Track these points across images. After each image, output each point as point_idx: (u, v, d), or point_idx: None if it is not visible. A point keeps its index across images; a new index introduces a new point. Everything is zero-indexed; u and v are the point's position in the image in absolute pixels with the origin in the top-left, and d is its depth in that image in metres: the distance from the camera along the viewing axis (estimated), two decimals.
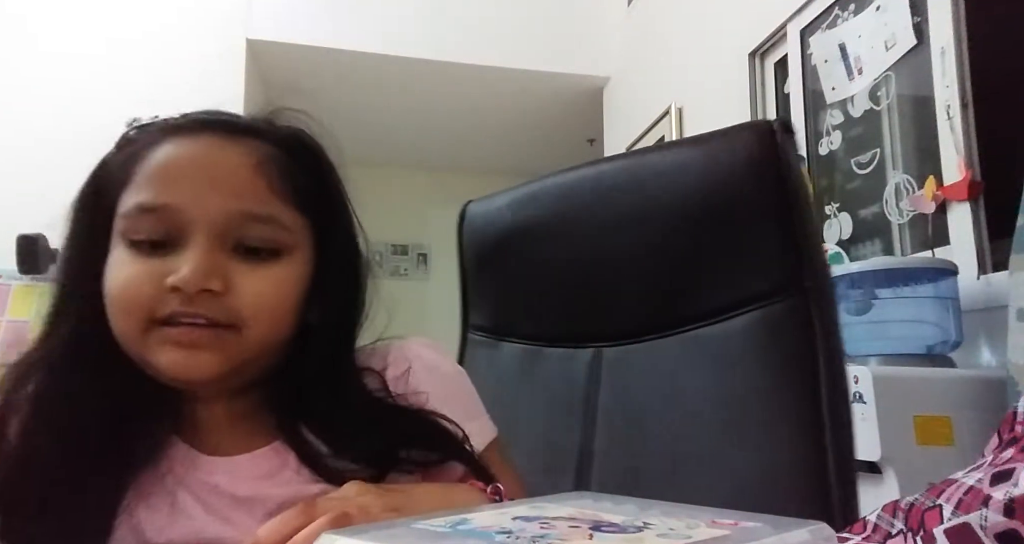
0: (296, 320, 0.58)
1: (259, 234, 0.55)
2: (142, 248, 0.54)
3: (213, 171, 0.55)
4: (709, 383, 0.75)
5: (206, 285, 0.52)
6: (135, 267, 0.54)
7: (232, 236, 0.54)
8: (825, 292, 0.73)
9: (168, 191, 0.54)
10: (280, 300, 0.56)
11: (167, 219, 0.54)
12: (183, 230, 0.53)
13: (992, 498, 0.36)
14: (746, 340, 0.74)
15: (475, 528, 0.36)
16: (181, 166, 0.55)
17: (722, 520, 0.38)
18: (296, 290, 0.57)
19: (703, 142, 0.82)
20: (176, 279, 0.51)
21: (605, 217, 0.85)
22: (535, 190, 0.93)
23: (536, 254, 0.91)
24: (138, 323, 0.53)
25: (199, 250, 0.53)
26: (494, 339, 0.96)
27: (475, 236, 0.98)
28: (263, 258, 0.55)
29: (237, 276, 0.54)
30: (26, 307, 3.05)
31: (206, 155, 0.56)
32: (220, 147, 0.56)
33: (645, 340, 0.82)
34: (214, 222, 0.53)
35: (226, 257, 0.54)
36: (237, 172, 0.55)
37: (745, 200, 0.76)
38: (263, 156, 0.57)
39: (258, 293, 0.54)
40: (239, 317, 0.54)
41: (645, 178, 0.84)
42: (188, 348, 0.53)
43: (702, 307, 0.78)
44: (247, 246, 0.55)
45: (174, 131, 0.58)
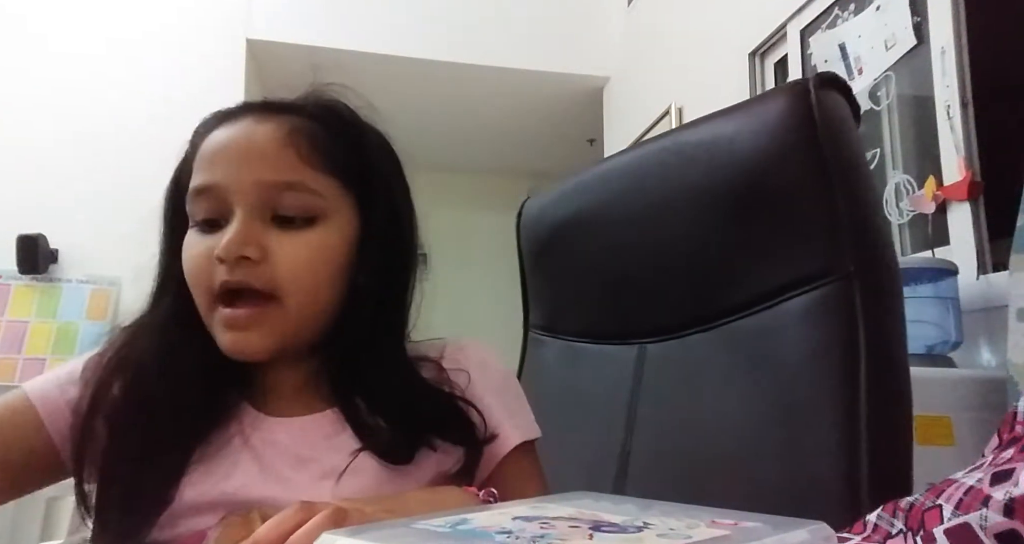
0: (343, 285, 0.61)
1: (291, 202, 0.59)
2: (203, 227, 0.60)
3: (246, 148, 0.59)
4: (749, 379, 0.69)
5: (243, 252, 0.56)
6: (197, 246, 0.59)
7: (268, 206, 0.58)
8: (876, 276, 0.64)
9: (212, 172, 0.59)
10: (318, 265, 0.59)
11: (215, 197, 0.59)
12: (228, 206, 0.58)
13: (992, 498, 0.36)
14: (786, 332, 0.67)
15: (475, 528, 0.36)
16: (222, 147, 0.60)
17: (722, 520, 0.38)
18: (336, 254, 0.60)
19: (735, 113, 0.74)
20: (218, 250, 0.56)
21: (641, 207, 0.81)
22: (579, 183, 0.91)
23: (580, 249, 0.89)
24: (204, 299, 0.59)
25: (238, 222, 0.57)
26: (551, 336, 0.95)
27: (530, 234, 0.97)
28: (299, 226, 0.59)
29: (274, 244, 0.58)
30: (26, 307, 3.05)
31: (240, 134, 0.60)
32: (254, 125, 0.60)
33: (686, 335, 0.78)
34: (249, 194, 0.58)
35: (264, 226, 0.58)
36: (265, 145, 0.59)
37: (780, 174, 0.67)
38: (292, 128, 0.60)
39: (294, 259, 0.58)
40: (278, 284, 0.57)
41: (676, 163, 0.77)
42: (237, 330, 0.57)
43: (740, 297, 0.71)
44: (283, 215, 0.59)
45: (223, 118, 0.63)
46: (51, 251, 3.05)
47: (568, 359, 0.79)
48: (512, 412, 0.65)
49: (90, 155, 3.11)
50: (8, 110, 3.09)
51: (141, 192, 3.35)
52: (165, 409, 0.59)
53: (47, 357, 3.00)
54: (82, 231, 3.07)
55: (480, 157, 4.84)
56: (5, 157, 3.05)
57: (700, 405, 0.74)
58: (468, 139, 4.62)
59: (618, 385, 0.82)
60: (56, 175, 3.07)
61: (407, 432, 0.59)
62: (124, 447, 0.58)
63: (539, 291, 0.98)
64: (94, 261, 3.08)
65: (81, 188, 3.08)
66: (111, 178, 3.11)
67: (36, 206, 3.02)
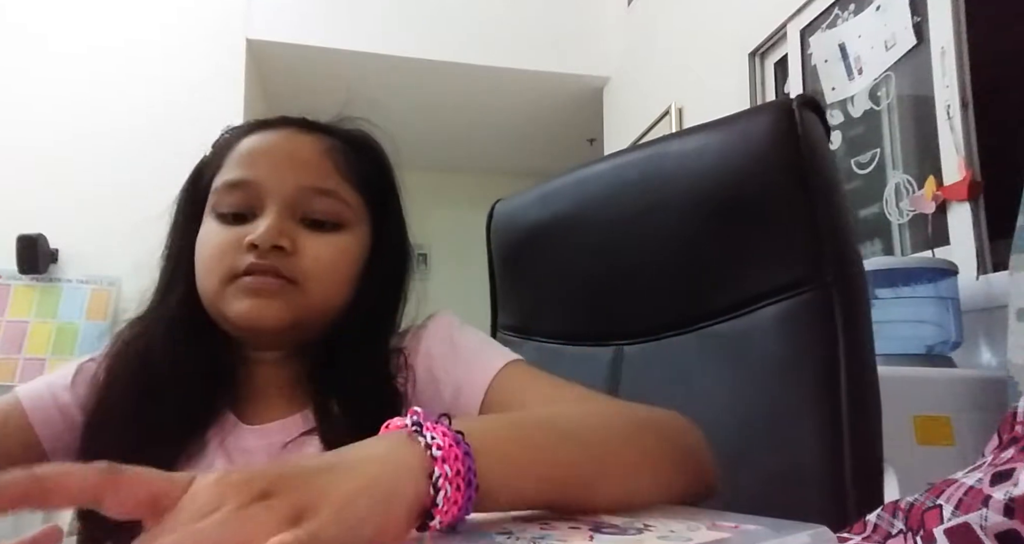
0: (349, 293, 0.65)
1: (324, 207, 0.64)
2: (227, 219, 0.63)
3: (289, 153, 0.65)
4: (728, 382, 0.72)
5: (278, 242, 0.60)
6: (221, 235, 0.63)
7: (301, 208, 0.63)
8: (851, 285, 0.68)
9: (251, 169, 0.63)
10: (338, 265, 0.64)
11: (249, 192, 0.63)
12: (261, 202, 0.62)
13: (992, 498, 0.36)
14: (763, 337, 0.70)
15: (475, 528, 0.36)
16: (263, 149, 0.65)
17: (723, 523, 0.38)
18: (351, 261, 0.65)
19: (720, 127, 0.77)
20: (253, 237, 0.60)
21: (622, 212, 0.83)
22: (554, 188, 0.92)
23: (556, 252, 0.90)
24: (219, 278, 0.61)
25: (273, 216, 0.61)
26: (521, 338, 0.96)
27: (501, 235, 0.98)
28: (326, 229, 0.64)
29: (303, 240, 0.62)
30: (26, 307, 3.05)
31: (284, 141, 0.66)
32: (296, 136, 0.66)
33: (664, 338, 0.80)
34: (286, 194, 0.63)
35: (295, 225, 0.63)
36: (309, 155, 0.65)
37: (763, 187, 0.71)
38: (331, 145, 0.66)
39: (319, 256, 0.62)
40: (302, 274, 0.61)
41: (660, 171, 0.80)
42: (259, 296, 0.60)
43: (721, 303, 0.74)
44: (313, 218, 0.63)
45: (260, 125, 0.68)
46: (51, 251, 3.05)
47: (543, 360, 0.79)
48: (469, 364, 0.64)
49: (90, 155, 3.11)
50: (8, 110, 3.09)
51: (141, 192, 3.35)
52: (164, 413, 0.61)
53: (47, 357, 3.00)
54: (82, 231, 3.07)
55: (480, 157, 4.84)
56: (5, 157, 3.05)
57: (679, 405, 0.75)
58: (468, 139, 4.62)
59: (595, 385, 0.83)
60: (56, 175, 3.07)
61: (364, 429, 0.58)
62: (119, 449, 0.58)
63: (510, 293, 0.98)
64: (94, 261, 3.08)
65: (81, 188, 3.08)
66: (111, 178, 3.11)
67: (36, 206, 3.02)
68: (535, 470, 0.40)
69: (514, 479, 0.39)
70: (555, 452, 0.43)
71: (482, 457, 0.37)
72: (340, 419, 0.61)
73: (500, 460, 0.38)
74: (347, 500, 0.32)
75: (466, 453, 0.36)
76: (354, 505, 0.32)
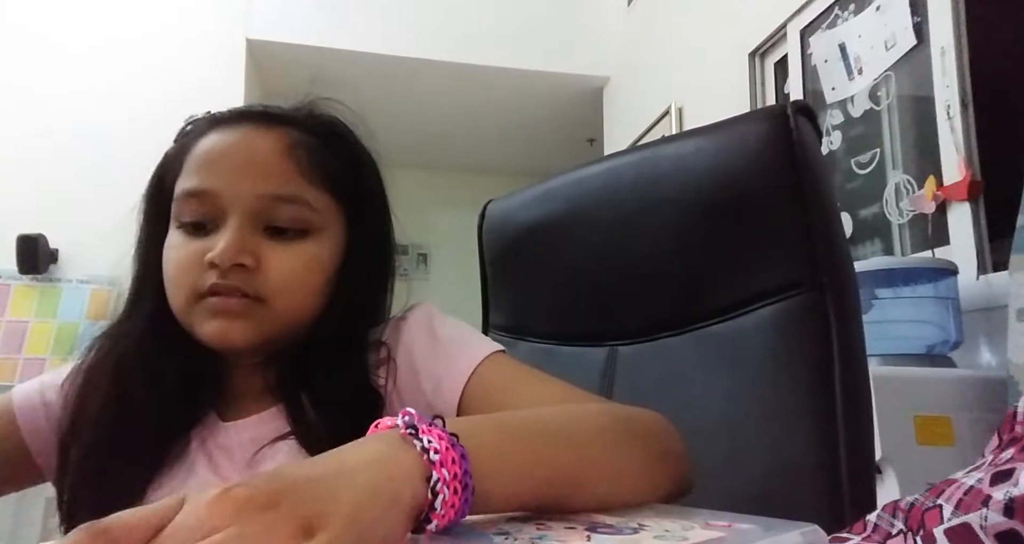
0: (323, 298, 0.62)
1: (287, 214, 0.60)
2: (189, 230, 0.61)
3: (246, 157, 0.60)
4: (722, 382, 0.73)
5: (238, 260, 0.58)
6: (183, 249, 0.60)
7: (263, 216, 0.60)
8: (843, 287, 0.69)
9: (208, 177, 0.60)
10: (306, 276, 0.61)
11: (207, 203, 0.60)
12: (222, 212, 0.59)
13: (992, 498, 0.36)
14: (758, 338, 0.71)
15: (471, 528, 0.36)
16: (219, 154, 0.61)
17: (716, 522, 0.38)
18: (323, 268, 0.62)
19: (716, 131, 0.78)
20: (212, 255, 0.57)
21: (617, 214, 0.83)
22: (549, 188, 0.92)
23: (551, 252, 0.90)
24: (184, 297, 0.59)
25: (233, 229, 0.58)
26: (513, 338, 0.96)
27: (494, 236, 0.98)
28: (291, 237, 0.60)
29: (267, 253, 0.59)
30: (26, 307, 3.05)
31: (241, 143, 0.61)
32: (254, 135, 0.62)
33: (659, 338, 0.80)
34: (246, 204, 0.59)
35: (258, 236, 0.59)
36: (267, 158, 0.60)
37: (758, 191, 0.72)
38: (294, 141, 0.62)
39: (286, 269, 0.59)
40: (268, 291, 0.59)
41: (656, 172, 0.81)
42: (225, 317, 0.58)
43: (715, 304, 0.75)
44: (276, 226, 0.60)
45: (218, 122, 0.64)
46: (51, 251, 3.05)
47: (536, 360, 0.79)
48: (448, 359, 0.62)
49: (90, 155, 3.11)
50: (8, 110, 3.09)
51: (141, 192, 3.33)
52: (142, 417, 0.60)
53: (47, 357, 3.00)
54: (82, 231, 3.07)
55: (480, 157, 4.84)
56: (5, 157, 3.05)
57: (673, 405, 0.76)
58: (468, 139, 4.62)
59: (588, 385, 0.84)
60: (56, 175, 3.07)
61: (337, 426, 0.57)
62: (98, 453, 0.59)
63: (503, 293, 0.98)
64: (94, 261, 3.08)
65: (81, 188, 3.08)
66: (111, 178, 3.11)
67: (36, 206, 3.03)
68: (528, 472, 0.41)
69: (508, 481, 0.39)
70: (546, 454, 0.43)
71: (477, 460, 0.37)
72: (312, 415, 0.59)
73: (495, 463, 0.39)
74: (356, 508, 0.32)
75: (462, 456, 0.36)
76: (363, 513, 0.32)
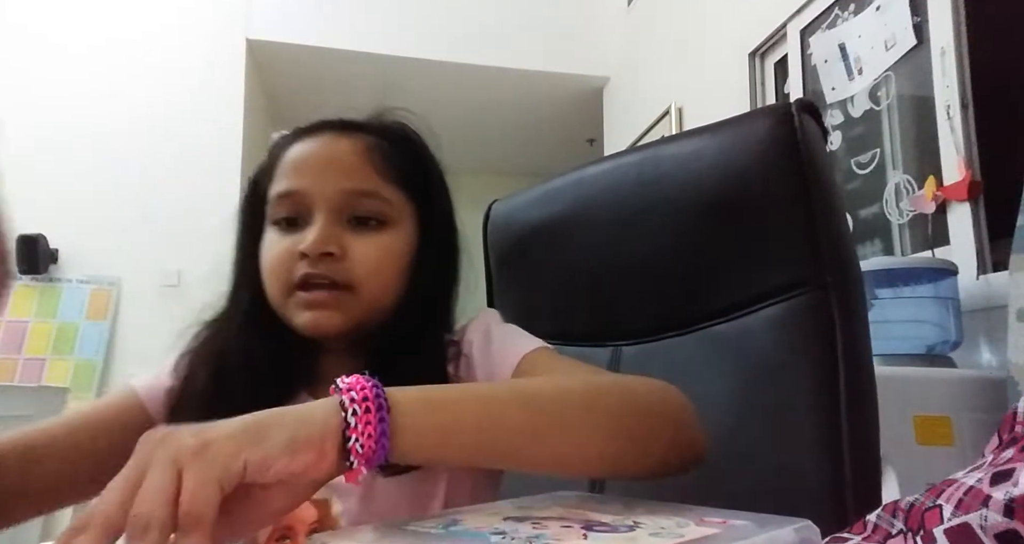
0: (401, 287, 0.68)
1: (367, 207, 0.67)
2: (282, 226, 0.68)
3: (329, 159, 0.68)
4: (726, 381, 0.72)
5: (326, 249, 0.64)
6: (278, 245, 0.67)
7: (346, 210, 0.67)
8: (848, 287, 0.68)
9: (297, 179, 0.68)
10: (387, 263, 0.68)
11: (298, 201, 0.67)
12: (309, 208, 0.66)
13: (992, 498, 0.36)
14: (762, 337, 0.71)
15: (468, 529, 0.36)
16: (305, 158, 0.69)
17: (711, 518, 0.38)
18: (400, 257, 0.68)
19: (719, 130, 0.78)
20: (303, 246, 0.64)
21: (621, 213, 0.83)
22: (552, 188, 0.92)
23: (554, 252, 0.90)
24: (281, 288, 0.66)
25: (320, 223, 0.65)
26: None
27: (498, 236, 0.98)
28: (372, 228, 0.67)
29: (351, 243, 0.66)
30: (26, 307, 3.05)
31: (324, 147, 0.69)
32: (335, 140, 0.70)
33: (663, 338, 0.80)
34: (331, 200, 0.66)
35: (342, 228, 0.66)
36: (347, 158, 0.68)
37: (762, 190, 0.72)
38: (369, 144, 0.69)
39: (368, 257, 0.66)
40: (354, 277, 0.65)
41: (660, 171, 0.81)
42: (317, 308, 0.64)
43: (719, 303, 0.75)
44: (358, 217, 0.67)
45: (302, 132, 0.71)
46: (51, 251, 3.05)
47: None
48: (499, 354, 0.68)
49: (90, 155, 3.12)
50: (8, 110, 3.09)
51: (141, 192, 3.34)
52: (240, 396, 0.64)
53: (47, 357, 3.00)
54: (82, 231, 3.08)
55: (480, 157, 4.84)
56: (5, 157, 3.05)
57: None
58: (468, 139, 4.62)
59: None
60: (56, 175, 3.07)
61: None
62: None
63: (506, 293, 0.98)
64: (94, 261, 3.09)
65: (81, 188, 3.08)
66: (111, 178, 3.12)
67: (36, 206, 3.03)
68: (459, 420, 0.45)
69: (435, 417, 0.44)
70: (486, 407, 0.48)
71: (399, 395, 0.43)
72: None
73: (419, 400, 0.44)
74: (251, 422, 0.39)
75: (374, 385, 0.42)
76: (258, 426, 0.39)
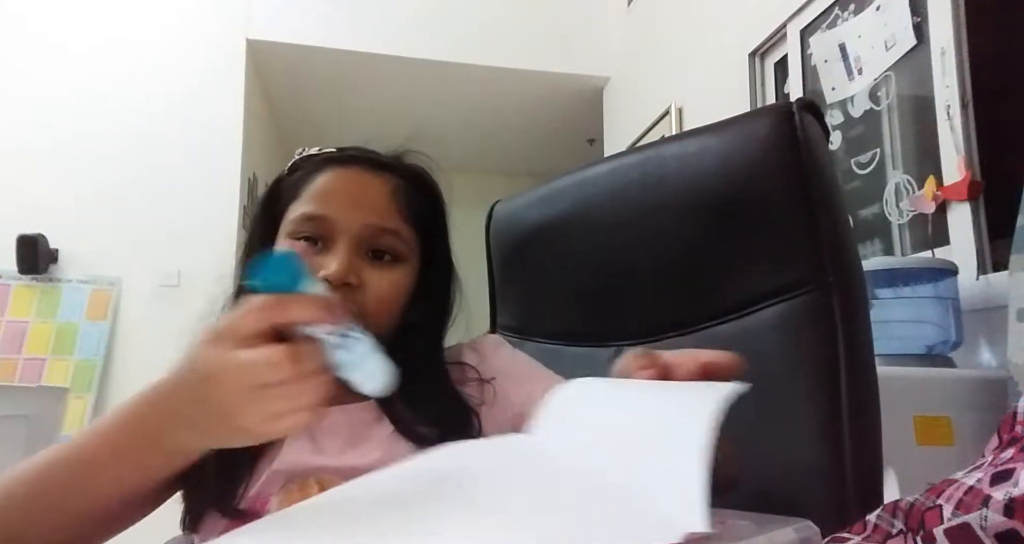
0: (400, 314, 0.74)
1: (387, 243, 0.72)
2: (299, 240, 0.71)
3: (359, 194, 0.73)
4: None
5: (347, 279, 0.68)
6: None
7: (367, 242, 0.71)
8: (850, 287, 0.68)
9: (326, 205, 0.72)
10: (395, 297, 0.73)
11: (323, 226, 0.71)
12: (332, 235, 0.71)
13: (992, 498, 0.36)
14: (764, 337, 0.71)
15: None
16: (337, 188, 0.73)
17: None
18: (406, 292, 0.74)
19: (720, 130, 0.78)
20: (327, 272, 0.67)
21: (622, 213, 0.83)
22: (555, 189, 0.92)
23: (557, 253, 0.90)
24: None
25: (344, 252, 0.70)
26: (519, 339, 0.96)
27: (500, 236, 0.98)
28: (387, 262, 0.72)
29: (368, 275, 0.70)
30: (26, 307, 3.05)
31: (356, 182, 0.74)
32: (367, 176, 0.75)
33: (665, 338, 0.80)
34: (356, 232, 0.71)
35: (361, 259, 0.71)
36: (376, 196, 0.73)
37: (764, 189, 0.72)
38: (395, 186, 0.75)
39: (381, 290, 0.71)
40: (366, 308, 0.69)
41: (661, 172, 0.81)
42: None
43: (721, 303, 0.75)
44: (375, 251, 0.72)
45: (333, 161, 0.76)
46: (51, 251, 3.05)
47: (543, 361, 0.79)
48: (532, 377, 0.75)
49: (90, 155, 3.11)
50: (8, 110, 3.09)
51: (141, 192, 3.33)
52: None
53: (47, 357, 3.00)
54: (82, 231, 3.07)
55: (480, 157, 4.84)
56: (5, 157, 3.05)
57: None
58: (468, 139, 4.62)
59: None
60: (56, 175, 3.07)
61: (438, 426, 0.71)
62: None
63: (509, 293, 0.99)
64: (94, 261, 3.08)
65: (81, 188, 3.08)
66: (111, 178, 3.12)
67: (36, 206, 3.03)
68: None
69: None
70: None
71: None
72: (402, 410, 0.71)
73: None
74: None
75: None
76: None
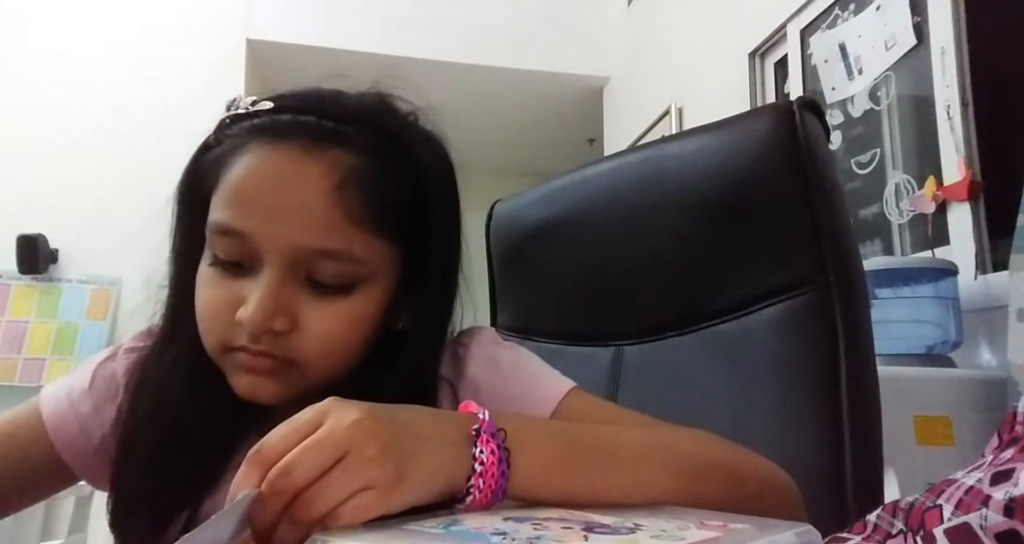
0: (370, 342, 0.57)
1: (331, 271, 0.53)
2: (222, 266, 0.54)
3: (287, 197, 0.52)
4: (728, 381, 0.72)
5: (270, 326, 0.52)
6: (215, 289, 0.54)
7: (301, 268, 0.53)
8: (851, 286, 0.68)
9: (242, 216, 0.53)
10: (348, 337, 0.55)
11: (241, 244, 0.53)
12: (257, 255, 0.53)
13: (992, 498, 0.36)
14: (764, 337, 0.71)
15: (468, 529, 0.36)
16: (257, 186, 0.53)
17: (711, 521, 0.38)
18: (369, 324, 0.56)
19: (721, 129, 0.78)
20: (242, 315, 0.51)
21: (623, 212, 0.83)
22: (555, 188, 0.92)
23: (557, 252, 0.90)
24: (213, 346, 0.55)
25: (266, 285, 0.52)
26: (520, 338, 0.95)
27: (501, 236, 0.98)
28: (334, 291, 0.54)
29: (306, 311, 0.53)
30: (26, 307, 3.05)
31: (282, 176, 0.53)
32: (299, 165, 0.53)
33: (665, 338, 0.80)
34: (284, 254, 0.52)
35: (295, 289, 0.53)
36: (311, 201, 0.52)
37: (764, 188, 0.72)
38: (345, 174, 0.53)
39: (325, 331, 0.53)
40: (303, 355, 0.53)
41: (661, 171, 0.80)
42: (254, 374, 0.54)
43: (721, 303, 0.75)
44: (317, 280, 0.53)
45: (260, 132, 0.55)
46: (51, 251, 3.05)
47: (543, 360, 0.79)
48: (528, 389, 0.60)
49: (90, 155, 3.11)
50: (8, 110, 3.09)
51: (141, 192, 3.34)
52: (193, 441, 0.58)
53: (47, 357, 3.00)
54: (82, 231, 3.07)
55: (480, 157, 4.84)
56: (5, 157, 3.05)
57: (678, 404, 0.75)
58: (468, 139, 4.60)
59: (595, 386, 0.82)
60: (56, 175, 3.07)
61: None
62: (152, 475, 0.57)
63: (509, 293, 0.98)
64: (94, 261, 3.08)
65: (81, 188, 3.08)
66: (111, 178, 3.11)
67: (36, 206, 3.02)
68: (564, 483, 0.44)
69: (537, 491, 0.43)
70: (590, 474, 0.45)
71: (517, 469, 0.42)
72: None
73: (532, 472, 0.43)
74: (422, 479, 0.39)
75: (503, 473, 0.42)
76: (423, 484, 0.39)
